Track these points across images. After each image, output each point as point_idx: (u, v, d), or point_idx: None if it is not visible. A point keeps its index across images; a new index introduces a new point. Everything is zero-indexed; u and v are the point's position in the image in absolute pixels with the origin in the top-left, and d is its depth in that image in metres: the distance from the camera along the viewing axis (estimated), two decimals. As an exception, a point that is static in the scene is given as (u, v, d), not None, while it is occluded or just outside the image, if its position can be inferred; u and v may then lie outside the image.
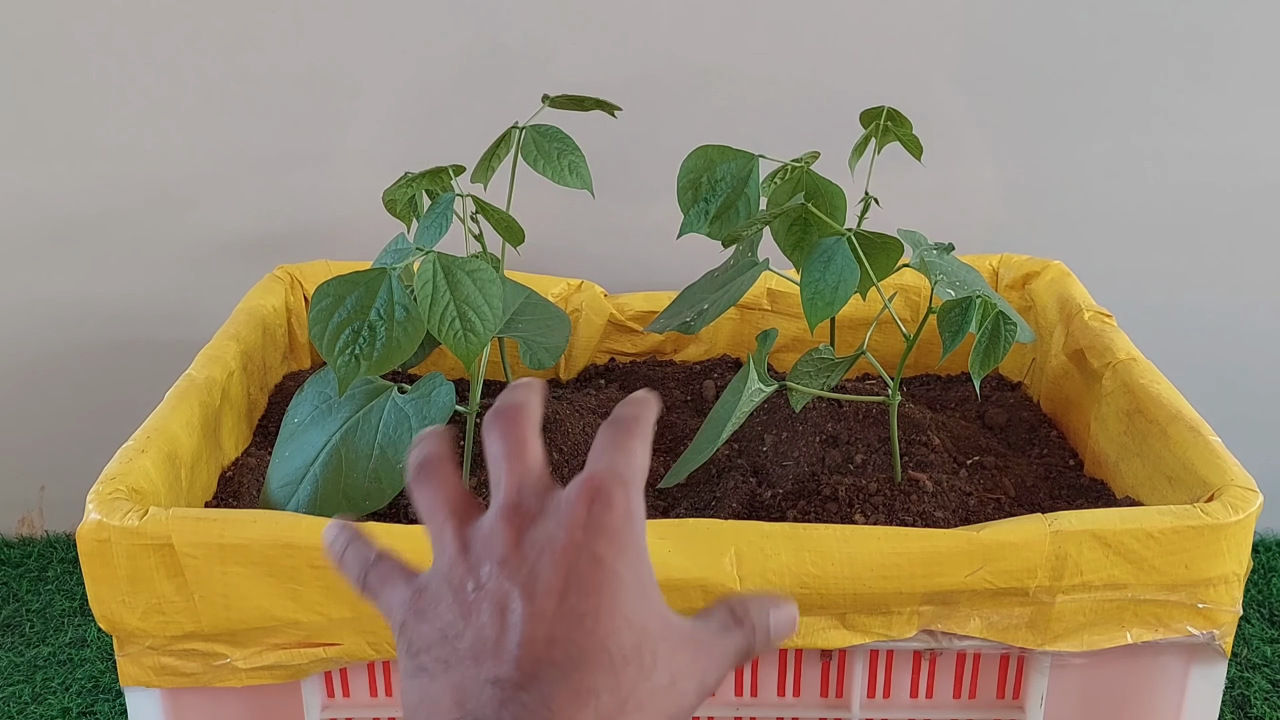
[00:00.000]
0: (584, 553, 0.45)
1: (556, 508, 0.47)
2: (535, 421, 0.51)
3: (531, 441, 0.50)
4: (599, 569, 0.45)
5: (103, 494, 0.81)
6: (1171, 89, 1.30)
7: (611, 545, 0.45)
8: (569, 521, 0.46)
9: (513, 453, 0.49)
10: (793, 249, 0.97)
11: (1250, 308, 1.39)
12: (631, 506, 0.46)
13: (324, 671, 0.86)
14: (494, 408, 0.50)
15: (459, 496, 0.49)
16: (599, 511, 0.46)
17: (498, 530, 0.47)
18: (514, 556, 0.46)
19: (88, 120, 1.30)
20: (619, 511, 0.46)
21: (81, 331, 1.39)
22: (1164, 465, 0.92)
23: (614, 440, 0.49)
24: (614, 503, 0.46)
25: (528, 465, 0.49)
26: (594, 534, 0.45)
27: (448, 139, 1.30)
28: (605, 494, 0.46)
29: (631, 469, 0.48)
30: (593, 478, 0.47)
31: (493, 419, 0.50)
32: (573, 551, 0.45)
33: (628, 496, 0.46)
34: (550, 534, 0.46)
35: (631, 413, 0.50)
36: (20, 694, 1.21)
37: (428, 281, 0.84)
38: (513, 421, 0.50)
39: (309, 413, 0.94)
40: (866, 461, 0.98)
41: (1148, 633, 0.83)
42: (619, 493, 0.46)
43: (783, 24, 1.28)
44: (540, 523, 0.46)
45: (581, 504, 0.46)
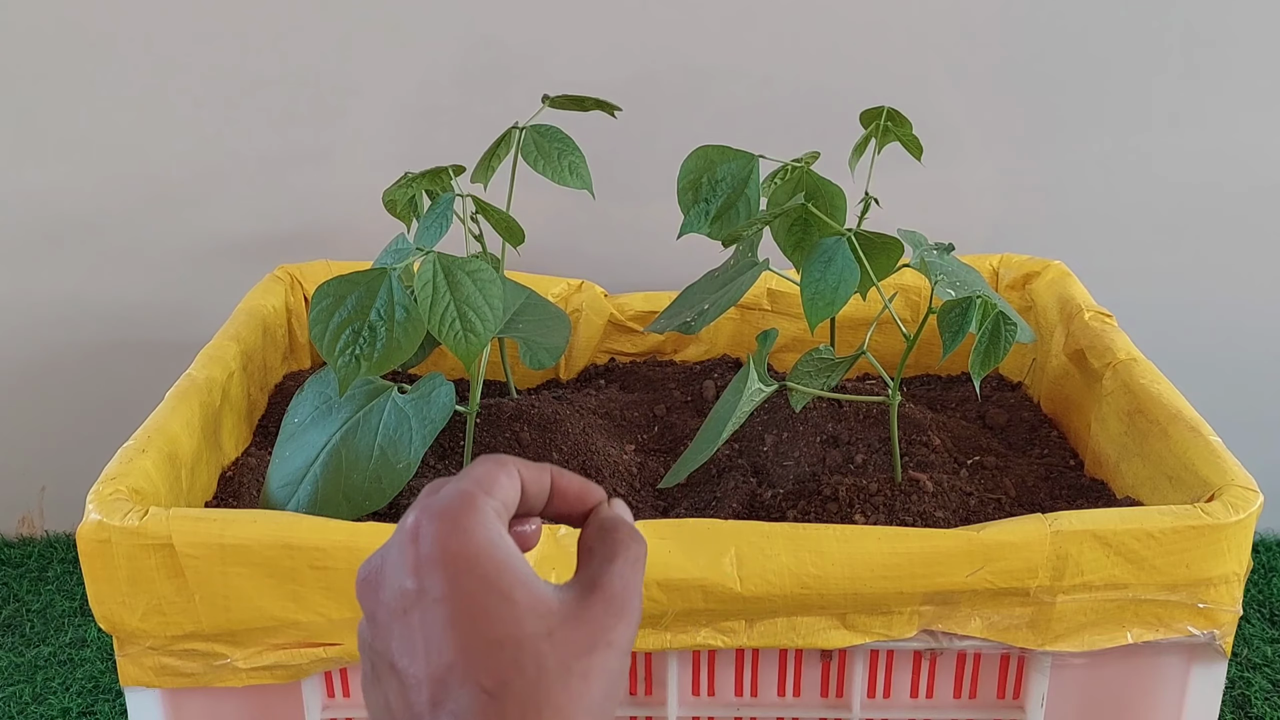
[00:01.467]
0: (426, 599, 0.42)
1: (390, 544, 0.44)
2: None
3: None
4: (446, 607, 0.41)
5: (103, 494, 0.81)
6: (1171, 89, 1.30)
7: (448, 576, 0.42)
8: (400, 593, 0.43)
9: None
10: (793, 249, 0.97)
11: (1250, 308, 1.39)
12: (455, 525, 0.43)
13: (324, 671, 0.86)
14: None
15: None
16: (423, 548, 0.42)
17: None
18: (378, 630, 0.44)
19: (88, 120, 1.30)
20: (428, 540, 0.42)
21: (81, 331, 1.39)
22: (1164, 465, 0.92)
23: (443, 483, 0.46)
24: (422, 535, 0.43)
25: None
26: (426, 577, 0.42)
27: (448, 139, 1.30)
28: (412, 530, 0.43)
29: (452, 491, 0.44)
30: (406, 528, 0.43)
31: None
32: (416, 607, 0.42)
33: (443, 519, 0.43)
34: (392, 593, 0.43)
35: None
36: (20, 694, 1.21)
37: (428, 282, 0.84)
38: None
39: (309, 413, 0.94)
40: (867, 461, 0.98)
41: (1148, 633, 0.83)
42: (427, 524, 0.43)
43: (783, 24, 1.28)
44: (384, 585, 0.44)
45: (407, 558, 0.43)
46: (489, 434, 1.02)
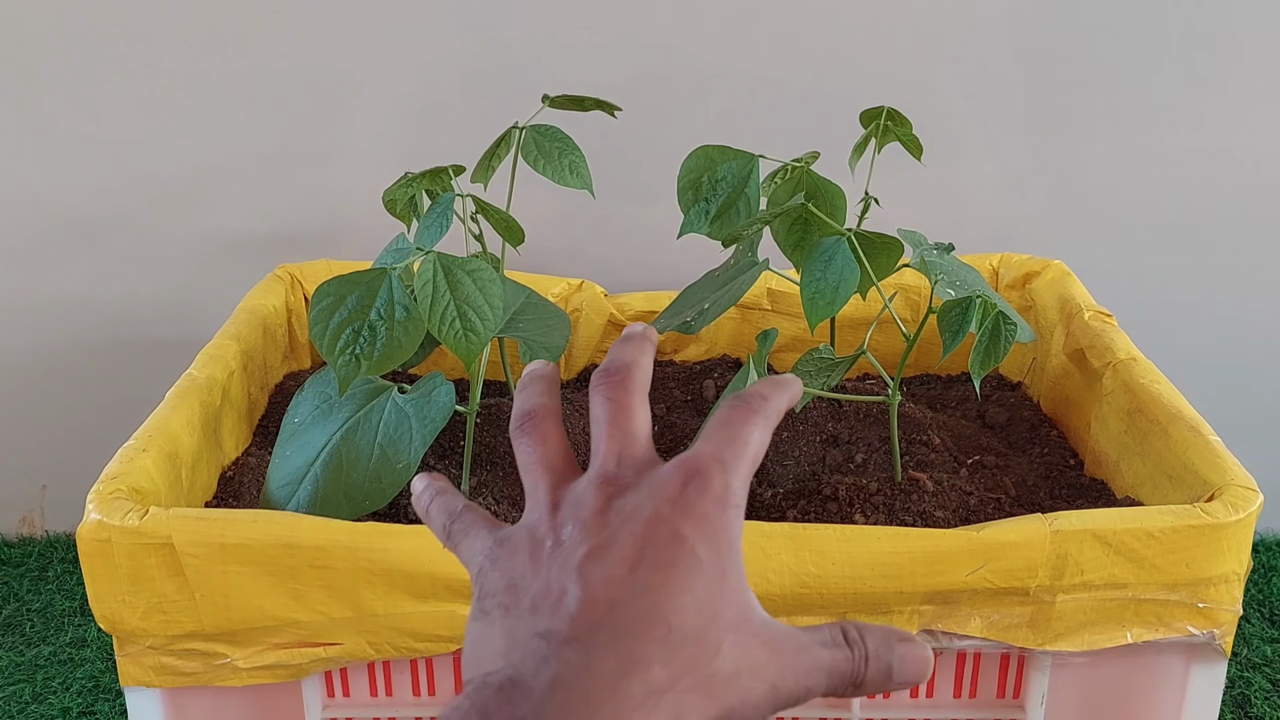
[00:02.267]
0: (665, 527, 0.43)
1: (650, 481, 0.45)
2: (644, 385, 0.48)
3: (638, 408, 0.48)
4: (678, 546, 0.43)
5: (103, 494, 0.81)
6: (1172, 89, 1.30)
7: (698, 527, 0.43)
8: (659, 496, 0.44)
9: (616, 418, 0.47)
10: (793, 249, 0.97)
11: (1250, 308, 1.39)
12: (730, 493, 0.44)
13: (324, 671, 0.86)
14: (604, 366, 0.48)
15: (559, 454, 0.48)
16: (693, 492, 0.44)
17: (588, 495, 0.45)
18: (597, 521, 0.44)
19: (88, 120, 1.30)
20: (712, 495, 0.44)
21: (82, 331, 1.39)
22: (1164, 465, 0.92)
23: (728, 421, 0.46)
24: (709, 485, 0.44)
25: (631, 434, 0.47)
26: (681, 512, 0.43)
27: (448, 139, 1.30)
28: (702, 476, 0.44)
29: (737, 455, 0.45)
30: (693, 458, 0.45)
31: (600, 379, 0.48)
32: (655, 524, 0.43)
33: (727, 483, 0.44)
34: (638, 505, 0.44)
35: (760, 392, 0.47)
36: (21, 694, 1.21)
37: (428, 281, 0.84)
38: (620, 385, 0.48)
39: (309, 412, 0.94)
40: (867, 461, 0.98)
41: (1148, 632, 0.83)
42: (717, 477, 0.44)
43: (783, 24, 1.28)
44: (631, 493, 0.45)
45: (676, 481, 0.44)
46: (489, 434, 1.02)
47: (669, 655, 0.41)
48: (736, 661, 0.43)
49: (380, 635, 0.81)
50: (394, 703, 0.88)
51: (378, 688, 0.88)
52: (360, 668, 0.87)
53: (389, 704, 0.88)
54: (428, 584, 0.79)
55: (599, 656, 0.41)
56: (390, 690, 0.88)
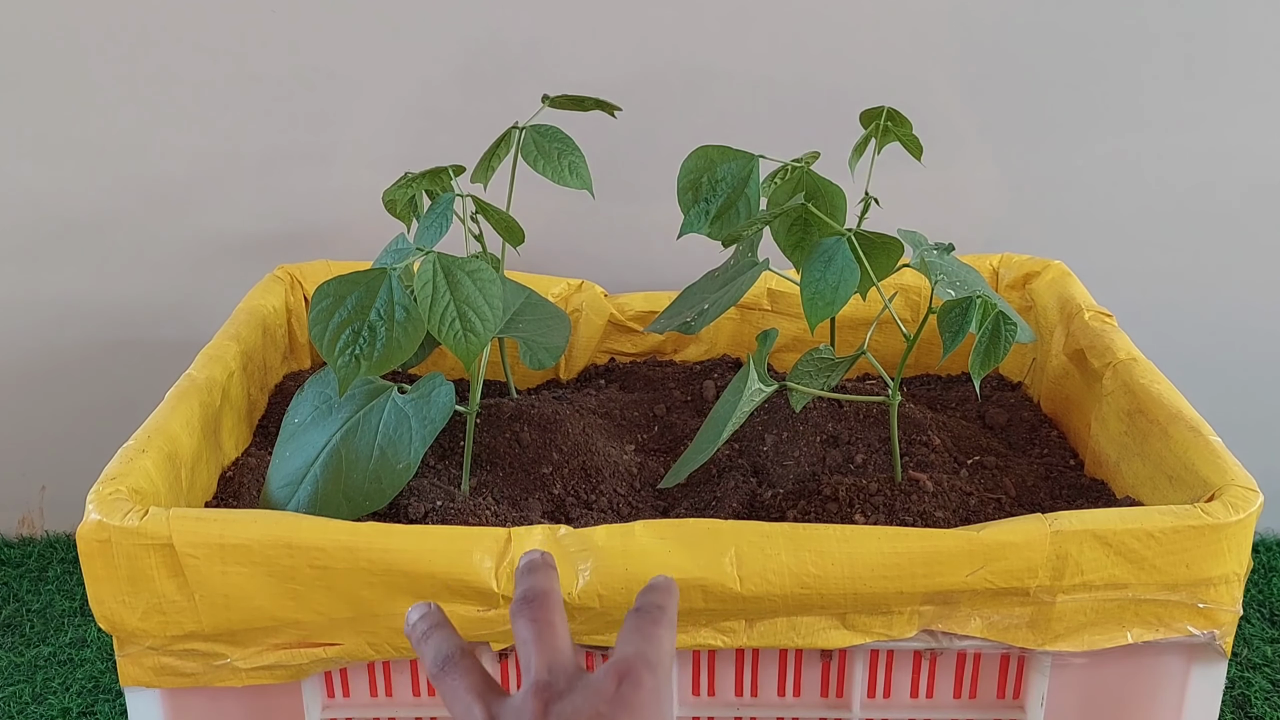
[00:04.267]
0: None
1: (585, 685, 0.49)
2: (561, 605, 0.54)
3: (559, 625, 0.53)
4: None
5: (103, 494, 0.81)
6: (1171, 89, 1.30)
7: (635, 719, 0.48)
8: (596, 697, 0.48)
9: (542, 635, 0.52)
10: (793, 249, 0.97)
11: (1250, 308, 1.39)
12: (658, 689, 0.49)
13: (324, 671, 0.86)
14: (520, 594, 0.54)
15: (483, 682, 0.52)
16: (627, 689, 0.48)
17: (526, 705, 0.49)
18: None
19: (88, 120, 1.30)
20: (646, 690, 0.49)
21: (81, 331, 1.39)
22: (1164, 465, 0.92)
23: (639, 627, 0.52)
24: (642, 682, 0.49)
25: (557, 647, 0.52)
26: (619, 709, 0.48)
27: (448, 139, 1.30)
28: (634, 674, 0.49)
29: (658, 655, 0.51)
30: (622, 660, 0.50)
31: (520, 606, 0.53)
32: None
33: (655, 679, 0.49)
34: (576, 707, 0.48)
35: (656, 601, 0.53)
36: (20, 694, 1.21)
37: (428, 282, 0.84)
38: (541, 606, 0.53)
39: (309, 413, 0.94)
40: (867, 461, 0.98)
41: (1148, 633, 0.83)
42: (646, 675, 0.49)
43: (783, 24, 1.28)
44: (568, 698, 0.49)
45: (610, 682, 0.49)
46: (489, 434, 1.02)
47: None
48: None
49: (380, 635, 0.81)
50: (394, 703, 0.88)
51: (377, 688, 0.88)
52: (360, 668, 0.87)
53: (389, 704, 0.88)
54: (428, 584, 0.79)
55: None
56: (390, 690, 0.88)
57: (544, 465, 0.99)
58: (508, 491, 0.97)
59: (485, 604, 0.79)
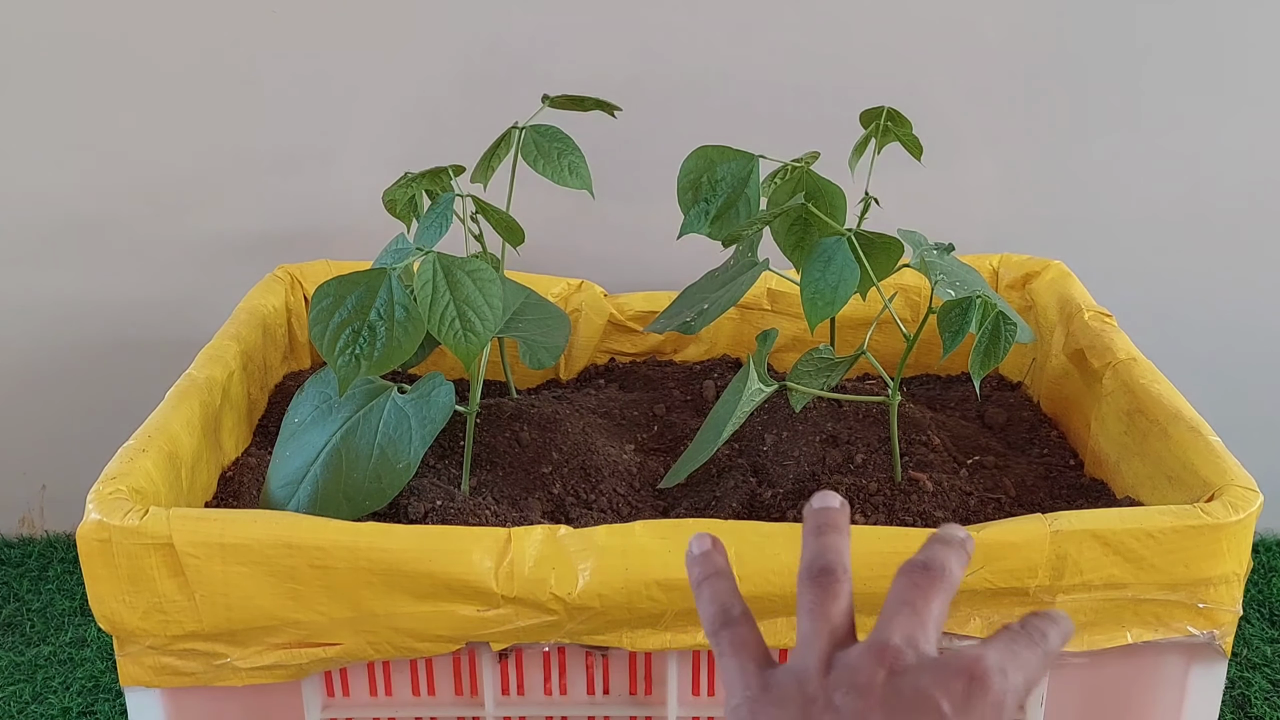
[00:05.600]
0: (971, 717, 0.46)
1: (935, 670, 0.47)
2: (951, 591, 0.51)
3: (939, 610, 0.50)
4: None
5: (103, 494, 0.81)
6: (1171, 90, 1.30)
7: (995, 717, 0.46)
8: (942, 690, 0.46)
9: (918, 605, 0.50)
10: (793, 249, 0.97)
11: (1250, 308, 1.39)
12: (1005, 703, 0.47)
13: (324, 671, 0.86)
14: (924, 559, 0.51)
15: (845, 617, 0.50)
16: (975, 694, 0.46)
17: (865, 662, 0.47)
18: (875, 696, 0.46)
19: (89, 121, 1.30)
20: (990, 701, 0.46)
21: (82, 331, 1.39)
22: (1164, 465, 0.92)
23: (1013, 641, 0.49)
24: (990, 691, 0.46)
25: (925, 625, 0.49)
26: (962, 711, 0.46)
27: (448, 139, 1.30)
28: (984, 681, 0.47)
29: (1018, 670, 0.48)
30: (979, 662, 0.47)
31: (920, 570, 0.50)
32: (935, 716, 0.45)
33: (1004, 691, 0.47)
34: (919, 691, 0.46)
35: (1042, 628, 0.51)
36: (20, 693, 1.21)
37: (428, 281, 0.84)
38: (933, 582, 0.50)
39: (309, 413, 0.94)
40: (867, 461, 0.98)
41: (1148, 633, 0.83)
42: (997, 684, 0.47)
43: (783, 24, 1.28)
44: (911, 675, 0.47)
45: (961, 679, 0.46)
46: (489, 434, 1.02)
47: None
48: None
49: (380, 635, 0.81)
50: (394, 703, 0.88)
51: (378, 688, 0.88)
52: (360, 668, 0.87)
53: (389, 704, 0.88)
54: (428, 584, 0.79)
55: None
56: (390, 690, 0.88)
57: (544, 465, 0.99)
58: (508, 491, 0.97)
59: (485, 604, 0.80)
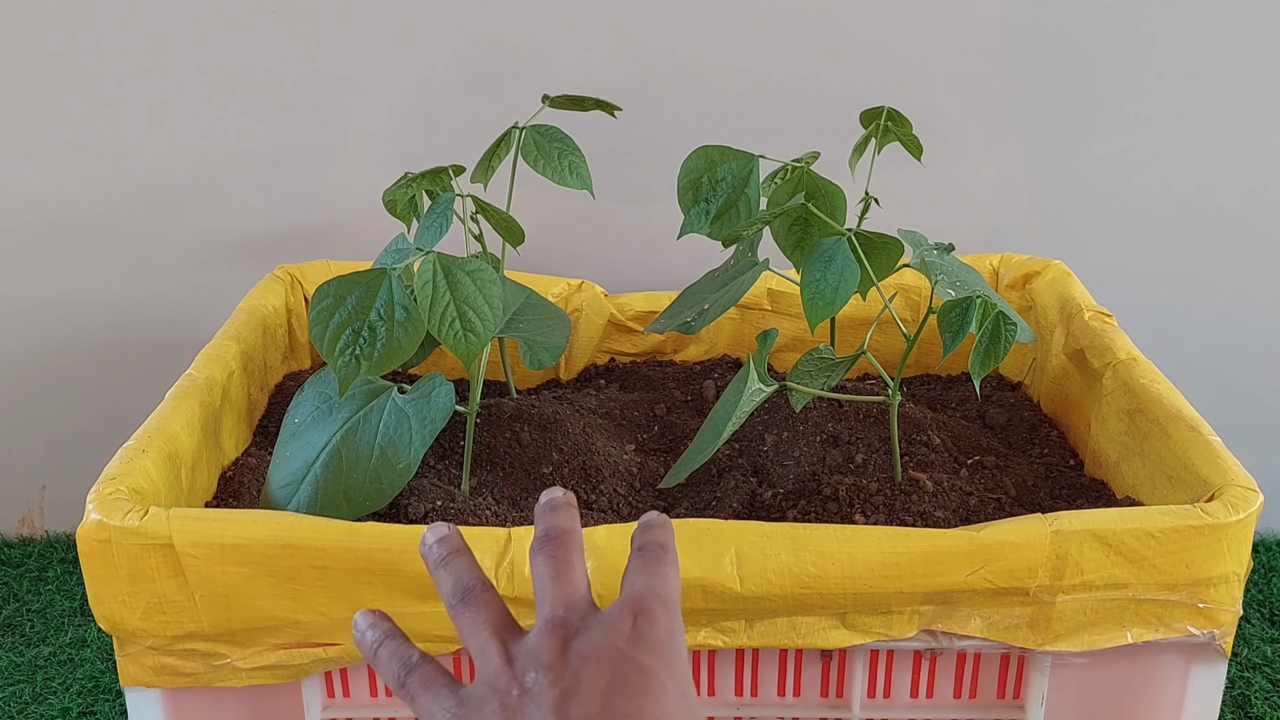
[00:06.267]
0: (627, 660, 0.47)
1: (600, 622, 0.49)
2: (580, 546, 0.53)
3: (578, 565, 0.53)
4: (642, 676, 0.47)
5: (103, 494, 0.81)
6: (1171, 90, 1.30)
7: (655, 656, 0.48)
8: (613, 633, 0.48)
9: (560, 573, 0.52)
10: (793, 249, 0.97)
11: (1250, 308, 1.39)
12: (672, 623, 0.49)
13: (324, 671, 0.86)
14: (542, 533, 0.53)
15: (502, 617, 0.52)
16: (643, 625, 0.49)
17: (543, 641, 0.49)
18: (559, 663, 0.48)
19: (89, 121, 1.30)
20: (661, 626, 0.49)
21: (82, 331, 1.39)
22: (1164, 465, 0.92)
23: (646, 566, 0.52)
24: (656, 618, 0.49)
25: (574, 585, 0.52)
26: (637, 644, 0.48)
27: (448, 139, 1.30)
28: (648, 610, 0.49)
29: (669, 590, 0.51)
30: (635, 596, 0.50)
31: (540, 544, 0.53)
32: (617, 659, 0.47)
33: (669, 614, 0.50)
34: (594, 644, 0.48)
35: (656, 539, 0.53)
36: (20, 694, 1.21)
37: (428, 282, 0.84)
38: (561, 545, 0.53)
39: (309, 413, 0.94)
40: (867, 461, 0.98)
41: (1148, 632, 0.83)
42: (660, 610, 0.49)
43: (783, 24, 1.28)
44: (584, 635, 0.49)
45: (625, 617, 0.49)
46: (489, 434, 1.02)
47: None
48: None
49: (380, 635, 0.81)
50: (394, 703, 0.88)
51: (378, 688, 0.88)
52: (360, 668, 0.87)
53: (389, 704, 0.88)
54: (427, 584, 0.79)
55: None
56: (390, 691, 0.88)
57: (544, 465, 0.99)
58: (508, 491, 0.97)
59: (485, 604, 0.80)
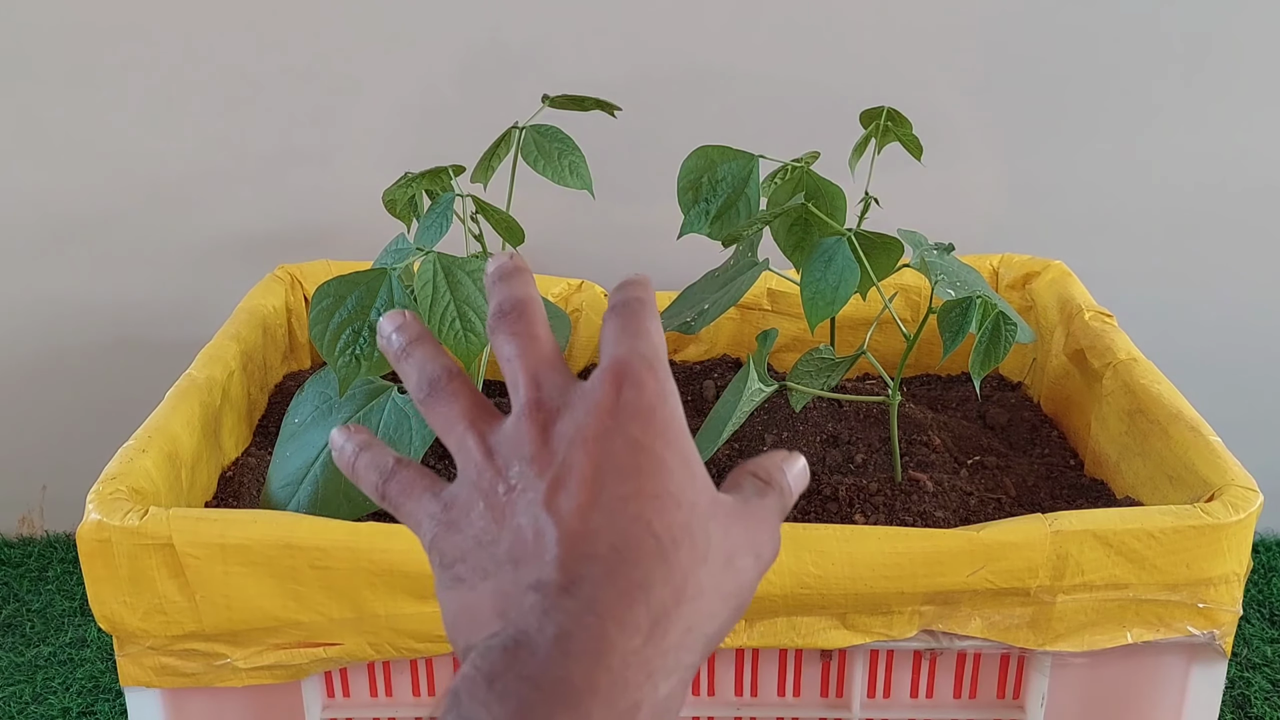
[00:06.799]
0: (617, 437, 0.41)
1: (581, 398, 0.43)
2: (542, 313, 0.47)
3: (543, 335, 0.46)
4: (636, 452, 0.41)
5: (103, 494, 0.81)
6: (1171, 90, 1.30)
7: (647, 427, 0.42)
8: (597, 408, 0.42)
9: (526, 349, 0.45)
10: (793, 249, 0.97)
11: (1250, 308, 1.39)
12: (662, 386, 0.43)
13: (324, 671, 0.86)
14: (496, 308, 0.46)
15: (476, 405, 0.46)
16: (629, 394, 0.42)
17: (522, 429, 0.43)
18: (543, 452, 0.42)
19: (89, 120, 1.30)
20: (650, 392, 0.42)
21: (82, 331, 1.39)
22: (1164, 465, 0.92)
23: (625, 325, 0.45)
24: (644, 384, 0.42)
25: (544, 357, 0.45)
26: (626, 417, 0.42)
27: (448, 139, 1.30)
28: (633, 376, 0.42)
29: (654, 350, 0.44)
30: (616, 361, 0.43)
31: (498, 320, 0.46)
32: (605, 437, 0.41)
33: (656, 377, 0.43)
34: (578, 424, 0.42)
35: (635, 295, 0.47)
36: (20, 694, 1.21)
37: (428, 282, 0.84)
38: (520, 318, 0.46)
39: (309, 413, 0.94)
40: (867, 461, 0.98)
41: (1148, 632, 0.83)
42: (647, 374, 0.43)
43: (783, 24, 1.28)
44: (565, 415, 0.43)
45: (609, 389, 0.42)
46: (489, 434, 1.02)
47: (666, 569, 0.40)
48: (724, 547, 0.42)
49: (380, 636, 0.81)
50: (394, 703, 0.88)
51: (378, 688, 0.88)
52: (360, 668, 0.87)
53: (389, 704, 0.88)
54: (428, 584, 0.79)
55: (599, 596, 0.39)
56: (390, 690, 0.88)
57: (544, 465, 0.99)
58: (508, 491, 0.97)
59: (485, 604, 0.79)
